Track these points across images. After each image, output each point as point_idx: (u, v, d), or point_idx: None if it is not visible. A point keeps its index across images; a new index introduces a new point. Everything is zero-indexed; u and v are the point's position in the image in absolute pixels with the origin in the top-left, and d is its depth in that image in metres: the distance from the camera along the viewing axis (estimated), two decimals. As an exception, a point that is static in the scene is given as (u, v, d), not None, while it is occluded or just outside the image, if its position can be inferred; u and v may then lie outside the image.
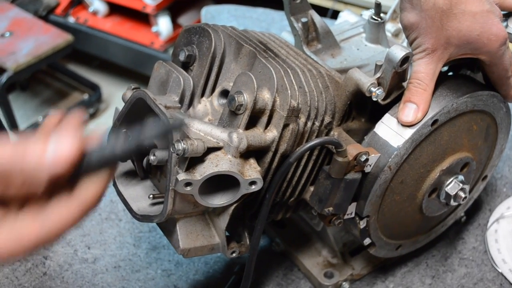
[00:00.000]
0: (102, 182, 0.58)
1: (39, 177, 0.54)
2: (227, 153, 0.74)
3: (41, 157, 0.53)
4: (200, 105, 0.83)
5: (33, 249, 0.56)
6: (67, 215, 0.57)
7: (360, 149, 0.79)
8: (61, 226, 0.57)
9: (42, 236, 0.56)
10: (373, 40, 0.99)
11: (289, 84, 0.77)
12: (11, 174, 0.53)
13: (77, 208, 0.57)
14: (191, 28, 0.84)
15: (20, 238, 0.56)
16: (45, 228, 0.56)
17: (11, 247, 0.55)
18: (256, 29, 1.56)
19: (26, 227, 0.56)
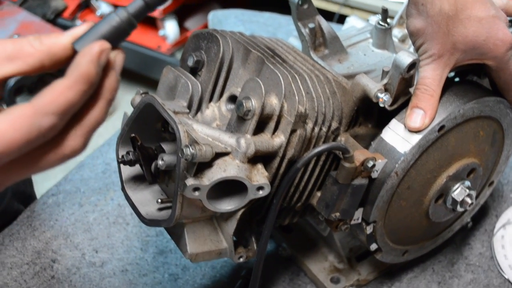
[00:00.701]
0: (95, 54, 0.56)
1: (57, 43, 0.56)
2: (235, 158, 0.74)
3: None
4: (208, 110, 0.84)
5: (31, 131, 0.54)
6: (62, 90, 0.55)
7: (367, 155, 0.80)
8: (55, 102, 0.54)
9: (36, 116, 0.54)
10: (380, 45, 0.99)
11: (297, 90, 0.77)
12: (26, 47, 0.55)
13: (72, 80, 0.55)
14: (200, 34, 0.85)
15: (15, 119, 0.53)
16: (38, 107, 0.54)
17: (8, 129, 0.53)
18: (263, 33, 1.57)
19: (19, 111, 0.54)
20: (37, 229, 1.10)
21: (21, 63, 0.56)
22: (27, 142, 0.54)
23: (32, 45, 0.56)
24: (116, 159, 0.83)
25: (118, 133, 1.29)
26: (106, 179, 1.22)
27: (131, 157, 0.81)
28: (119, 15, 0.59)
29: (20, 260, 1.05)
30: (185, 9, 2.80)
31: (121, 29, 0.59)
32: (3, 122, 0.53)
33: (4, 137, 0.53)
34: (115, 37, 0.59)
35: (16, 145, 0.53)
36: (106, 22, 0.59)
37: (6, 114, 0.53)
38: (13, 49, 0.55)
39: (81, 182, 1.21)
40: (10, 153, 0.54)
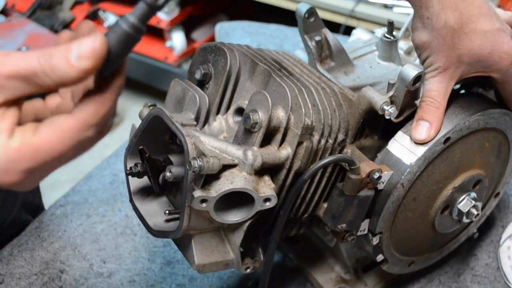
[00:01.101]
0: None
1: (68, 73, 0.55)
2: (242, 170, 0.75)
3: (67, 54, 0.55)
4: (215, 123, 0.84)
5: (76, 144, 0.58)
6: (103, 102, 0.58)
7: (373, 167, 0.80)
8: (97, 115, 0.58)
9: (82, 129, 0.57)
10: (385, 58, 1.00)
11: (303, 103, 0.78)
12: (40, 74, 0.55)
13: (110, 93, 0.58)
14: (207, 47, 0.86)
15: (61, 132, 0.57)
16: (82, 121, 0.57)
17: (56, 142, 0.57)
18: (269, 45, 1.58)
19: (64, 124, 0.57)
20: (46, 240, 1.11)
21: (36, 87, 0.57)
22: (74, 153, 0.59)
23: (44, 72, 0.55)
24: (124, 170, 0.84)
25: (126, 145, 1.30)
26: (114, 190, 1.22)
27: (139, 169, 0.82)
28: (126, 23, 0.58)
29: (29, 270, 1.06)
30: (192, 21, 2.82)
31: (129, 37, 0.59)
32: (51, 135, 0.57)
33: (54, 150, 0.57)
34: (125, 47, 0.59)
35: (64, 157, 0.58)
36: (113, 33, 0.58)
37: (51, 127, 0.57)
38: (26, 74, 0.55)
39: (89, 193, 1.22)
40: (56, 164, 0.59)
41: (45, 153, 0.56)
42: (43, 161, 0.57)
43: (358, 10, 2.13)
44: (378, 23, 2.11)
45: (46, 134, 0.56)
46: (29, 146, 0.56)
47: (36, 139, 0.56)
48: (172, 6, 2.68)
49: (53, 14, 2.96)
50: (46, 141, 0.56)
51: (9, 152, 0.55)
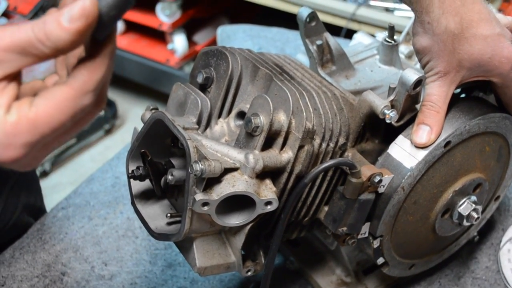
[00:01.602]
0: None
1: (62, 36, 0.54)
2: (243, 173, 0.76)
3: (58, 18, 0.54)
4: (217, 126, 0.85)
5: (73, 113, 0.57)
6: (96, 68, 0.57)
7: (374, 170, 0.81)
8: (92, 81, 0.57)
9: (78, 97, 0.57)
10: (386, 62, 1.00)
11: (305, 107, 0.79)
12: (36, 43, 0.54)
13: (103, 57, 0.58)
14: (209, 51, 0.87)
15: (58, 102, 0.56)
16: (77, 88, 0.57)
17: (53, 113, 0.56)
18: (271, 48, 1.59)
19: (60, 93, 0.57)
20: (47, 242, 1.12)
21: (33, 57, 0.56)
22: (72, 121, 0.58)
23: (40, 40, 0.55)
24: (126, 174, 0.84)
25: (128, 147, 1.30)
26: (115, 192, 1.23)
27: (141, 172, 0.82)
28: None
29: (30, 273, 1.07)
30: (194, 23, 2.83)
31: (124, 2, 0.58)
32: (47, 106, 0.56)
33: (52, 121, 0.56)
34: (117, 10, 0.58)
35: (63, 125, 0.57)
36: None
37: (48, 98, 0.57)
38: (22, 45, 0.55)
39: (91, 195, 1.22)
40: (58, 133, 0.58)
41: (43, 125, 0.56)
42: (42, 133, 0.56)
43: (359, 13, 2.13)
44: (379, 27, 2.11)
45: (42, 106, 0.56)
46: (26, 119, 0.56)
47: (32, 112, 0.56)
48: (174, 9, 2.68)
49: (55, 17, 2.97)
50: (43, 112, 0.56)
51: (6, 127, 0.55)
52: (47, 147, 0.60)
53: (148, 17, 2.74)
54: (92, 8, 0.55)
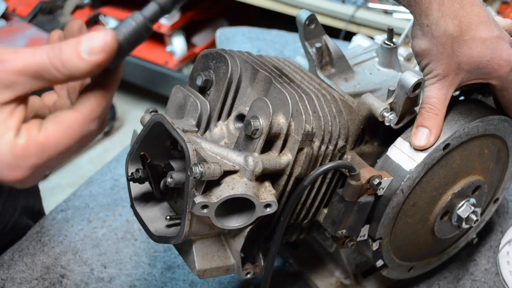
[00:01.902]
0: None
1: (79, 67, 0.55)
2: (243, 176, 0.76)
3: (77, 48, 0.55)
4: (216, 129, 0.85)
5: (80, 138, 0.59)
6: (103, 95, 0.59)
7: (373, 173, 0.81)
8: (101, 108, 0.59)
9: (86, 123, 0.58)
10: (385, 64, 1.01)
11: (304, 109, 0.79)
12: (50, 69, 0.55)
13: (109, 84, 0.59)
14: (208, 54, 0.87)
15: (66, 127, 0.58)
16: (86, 114, 0.58)
17: (61, 137, 0.57)
18: (270, 50, 1.59)
19: (69, 119, 0.58)
20: (46, 245, 1.12)
21: (46, 82, 0.57)
22: (80, 146, 0.60)
23: (54, 66, 0.56)
24: (126, 176, 0.84)
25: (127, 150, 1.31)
26: (114, 195, 1.23)
27: (141, 174, 0.82)
28: (135, 20, 0.59)
29: (30, 275, 1.07)
30: (193, 25, 2.83)
31: (138, 34, 0.60)
32: (57, 130, 0.58)
33: (60, 146, 0.58)
34: (132, 43, 0.60)
35: (70, 149, 0.59)
36: (124, 28, 0.59)
37: (57, 123, 0.58)
38: (36, 68, 0.56)
39: (90, 198, 1.22)
40: (63, 158, 0.60)
41: (51, 148, 0.57)
42: (49, 156, 0.58)
43: (358, 15, 2.13)
44: (378, 29, 2.11)
45: (51, 130, 0.57)
46: (35, 143, 0.57)
47: (41, 135, 0.57)
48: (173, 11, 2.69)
49: (54, 19, 2.97)
50: (52, 137, 0.57)
51: (16, 150, 0.56)
52: (50, 167, 0.61)
53: (147, 19, 2.74)
54: (113, 42, 0.56)
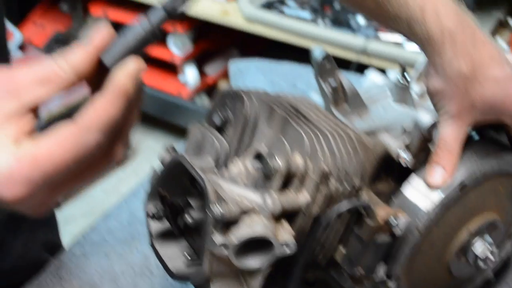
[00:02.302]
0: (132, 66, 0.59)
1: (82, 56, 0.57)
2: (261, 216, 0.77)
3: (79, 45, 0.57)
4: (234, 167, 0.86)
5: (76, 150, 0.56)
6: (104, 107, 0.57)
7: (389, 212, 0.82)
8: (99, 119, 0.56)
9: (82, 134, 0.56)
10: (399, 100, 1.02)
11: (320, 149, 0.80)
12: (56, 68, 0.56)
13: (112, 96, 0.57)
14: (226, 93, 0.88)
15: (60, 138, 0.55)
16: (82, 125, 0.56)
17: (54, 148, 0.55)
18: (283, 83, 1.61)
19: (64, 130, 0.56)
20: (65, 280, 1.13)
21: (52, 85, 0.57)
22: (74, 160, 0.56)
23: (60, 66, 0.57)
24: (145, 214, 0.86)
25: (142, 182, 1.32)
26: (131, 229, 1.24)
27: (160, 212, 0.84)
28: (142, 27, 0.61)
29: (48, 310, 1.08)
30: (205, 55, 2.86)
31: (145, 40, 0.61)
32: (51, 143, 0.56)
33: (54, 158, 0.55)
34: (139, 47, 0.61)
35: (65, 164, 0.56)
36: (130, 34, 0.61)
37: (52, 134, 0.56)
38: (43, 73, 0.57)
39: (107, 232, 1.24)
40: (58, 173, 0.56)
41: (44, 160, 0.55)
42: (44, 170, 0.55)
43: (369, 47, 2.16)
44: (390, 60, 2.14)
45: (45, 142, 0.56)
46: (29, 154, 0.55)
47: (36, 148, 0.55)
48: (186, 41, 2.72)
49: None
50: (45, 148, 0.55)
51: (11, 162, 0.55)
52: (54, 190, 0.58)
53: (160, 49, 2.78)
54: (110, 30, 0.58)
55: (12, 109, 0.56)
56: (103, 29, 0.59)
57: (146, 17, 0.62)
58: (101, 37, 0.59)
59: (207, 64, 2.86)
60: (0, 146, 0.55)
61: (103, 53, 0.60)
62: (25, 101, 0.56)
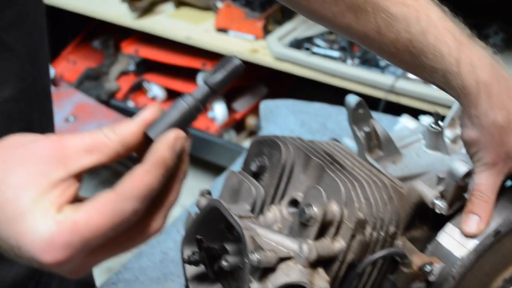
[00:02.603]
0: (172, 136, 0.60)
1: (130, 128, 0.59)
2: (297, 263, 0.78)
3: (128, 120, 0.59)
4: (269, 213, 0.88)
5: (113, 217, 0.57)
6: (142, 175, 0.58)
7: (424, 259, 0.82)
8: (136, 187, 0.58)
9: (120, 202, 0.57)
10: (432, 147, 1.03)
11: (356, 197, 0.81)
12: (104, 138, 0.58)
13: (150, 166, 0.59)
14: (262, 141, 0.90)
15: (99, 205, 0.57)
16: (120, 193, 0.57)
17: (93, 215, 0.56)
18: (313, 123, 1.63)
19: (103, 198, 0.57)
20: (99, 319, 1.14)
21: (99, 155, 0.59)
22: (112, 227, 0.58)
23: (107, 136, 0.59)
24: (181, 259, 0.87)
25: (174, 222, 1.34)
26: (163, 268, 1.25)
27: (197, 257, 0.85)
28: (187, 102, 0.63)
29: None
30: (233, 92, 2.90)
31: (189, 114, 0.63)
32: (89, 209, 0.57)
33: (91, 224, 0.57)
34: (184, 122, 0.63)
35: (103, 231, 0.57)
36: (175, 109, 0.63)
37: (91, 202, 0.58)
38: (90, 142, 0.59)
39: (140, 271, 1.25)
40: (97, 239, 0.58)
41: (83, 226, 0.56)
42: (82, 235, 0.57)
43: (397, 85, 2.17)
44: (418, 99, 2.15)
45: (85, 209, 0.57)
46: (70, 220, 0.56)
47: (76, 214, 0.57)
48: (220, 89, 2.77)
49: (100, 85, 3.08)
50: (85, 214, 0.57)
51: (52, 228, 0.56)
52: (92, 255, 0.60)
53: (189, 85, 2.83)
54: (159, 108, 0.61)
55: (59, 177, 0.58)
56: (151, 107, 0.62)
57: (191, 94, 0.64)
58: (149, 113, 0.61)
59: (235, 100, 2.90)
60: (43, 212, 0.57)
61: (149, 127, 0.62)
62: (72, 169, 0.58)
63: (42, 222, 0.56)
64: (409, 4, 0.79)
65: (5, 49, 0.77)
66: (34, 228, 0.56)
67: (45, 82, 0.87)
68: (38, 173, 0.58)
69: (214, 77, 0.64)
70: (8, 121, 0.81)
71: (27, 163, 0.58)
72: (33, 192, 0.57)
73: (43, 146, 0.59)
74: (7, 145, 0.60)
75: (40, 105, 0.86)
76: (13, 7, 0.77)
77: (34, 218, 0.56)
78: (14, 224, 0.57)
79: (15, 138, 0.61)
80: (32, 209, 0.57)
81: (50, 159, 0.58)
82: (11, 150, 0.59)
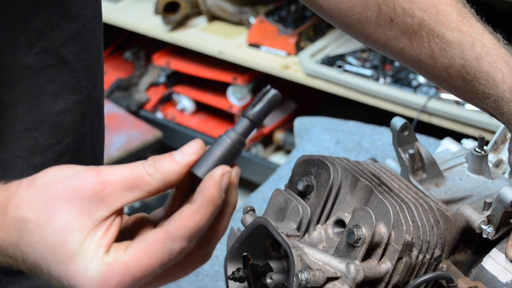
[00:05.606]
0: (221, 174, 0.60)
1: (172, 168, 0.59)
2: (344, 283, 0.78)
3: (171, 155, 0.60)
4: (315, 232, 0.88)
5: (162, 257, 0.58)
6: (190, 215, 0.58)
7: (469, 284, 0.82)
8: (185, 228, 0.58)
9: (169, 242, 0.57)
10: (475, 170, 1.03)
11: (404, 219, 0.82)
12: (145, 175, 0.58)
13: (199, 206, 0.58)
14: (310, 160, 0.91)
15: (149, 246, 0.57)
16: (169, 233, 0.58)
17: (143, 256, 0.57)
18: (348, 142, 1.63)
19: (152, 237, 0.58)
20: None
21: (140, 192, 0.59)
22: (161, 266, 0.59)
23: (149, 174, 0.59)
24: (225, 275, 0.88)
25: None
26: (198, 282, 1.26)
27: (241, 274, 0.86)
28: (230, 137, 0.63)
29: None
30: (262, 106, 2.91)
31: (234, 150, 0.63)
32: (138, 250, 0.58)
33: (141, 264, 0.58)
34: (229, 158, 0.63)
35: (152, 270, 0.58)
36: (219, 145, 0.63)
37: (141, 241, 0.59)
38: (131, 179, 0.59)
39: (175, 285, 1.26)
40: (147, 277, 0.59)
41: (133, 267, 0.57)
42: (133, 275, 0.57)
43: (430, 105, 2.17)
44: (450, 119, 2.14)
45: (135, 250, 0.58)
46: (120, 262, 0.57)
47: (126, 255, 0.57)
48: (244, 92, 2.78)
49: (130, 95, 3.11)
50: (135, 255, 0.57)
51: (103, 268, 0.57)
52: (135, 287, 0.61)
53: (219, 99, 2.84)
54: (201, 145, 0.61)
55: (102, 216, 0.58)
56: (194, 143, 0.61)
57: (232, 129, 0.64)
58: (193, 152, 0.61)
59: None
60: (92, 254, 0.57)
61: (194, 166, 0.61)
62: (114, 207, 0.59)
63: (92, 264, 0.57)
64: (464, 30, 0.79)
65: (62, 62, 0.79)
66: (85, 271, 0.57)
67: (99, 97, 0.88)
68: (81, 213, 0.58)
69: (254, 109, 0.64)
70: (60, 132, 0.83)
71: (69, 203, 0.58)
72: (79, 234, 0.57)
73: (83, 183, 0.58)
74: (45, 183, 0.59)
75: (92, 119, 0.87)
76: (72, 23, 0.79)
77: (84, 261, 0.57)
78: (65, 266, 0.58)
79: (52, 174, 0.60)
80: (80, 252, 0.57)
81: (91, 198, 0.58)
82: (50, 190, 0.59)
